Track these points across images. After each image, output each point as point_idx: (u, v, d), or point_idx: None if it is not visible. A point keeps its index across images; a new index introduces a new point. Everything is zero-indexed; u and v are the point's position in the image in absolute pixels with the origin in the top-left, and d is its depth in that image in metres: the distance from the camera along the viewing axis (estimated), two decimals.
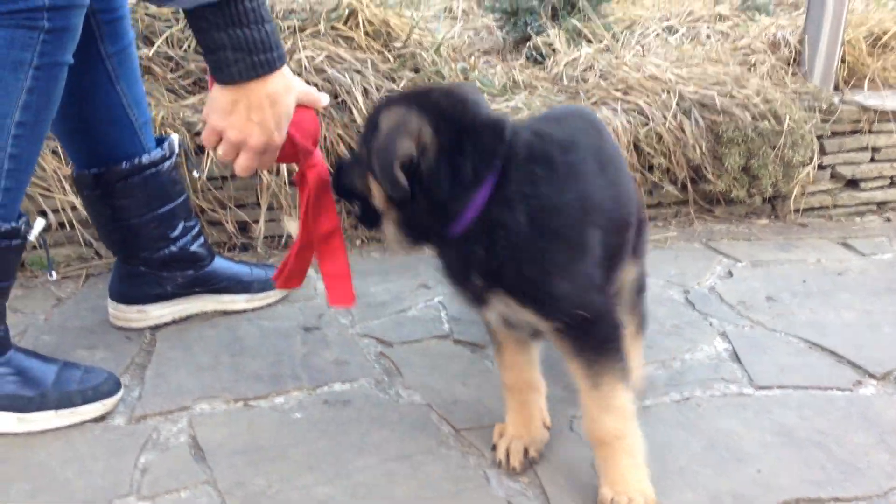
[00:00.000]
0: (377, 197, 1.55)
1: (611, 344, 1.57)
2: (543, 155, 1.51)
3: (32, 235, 1.77)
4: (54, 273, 1.97)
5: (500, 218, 1.47)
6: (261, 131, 1.63)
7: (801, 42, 3.30)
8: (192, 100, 2.60)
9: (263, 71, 1.58)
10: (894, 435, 1.92)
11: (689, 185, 3.11)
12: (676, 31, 3.87)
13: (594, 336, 1.56)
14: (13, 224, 1.72)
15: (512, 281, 1.51)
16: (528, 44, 3.78)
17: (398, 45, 2.93)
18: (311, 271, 2.59)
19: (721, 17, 4.07)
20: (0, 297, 1.78)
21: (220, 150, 1.67)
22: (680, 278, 2.70)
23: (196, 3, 1.52)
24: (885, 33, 3.44)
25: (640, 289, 2.00)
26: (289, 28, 2.79)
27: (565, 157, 1.53)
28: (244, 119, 1.62)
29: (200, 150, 2.56)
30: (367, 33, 2.89)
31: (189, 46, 2.67)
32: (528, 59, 3.70)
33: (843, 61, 3.31)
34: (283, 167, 2.62)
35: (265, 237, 2.69)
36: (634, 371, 1.85)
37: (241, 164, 1.68)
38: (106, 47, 1.94)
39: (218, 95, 1.62)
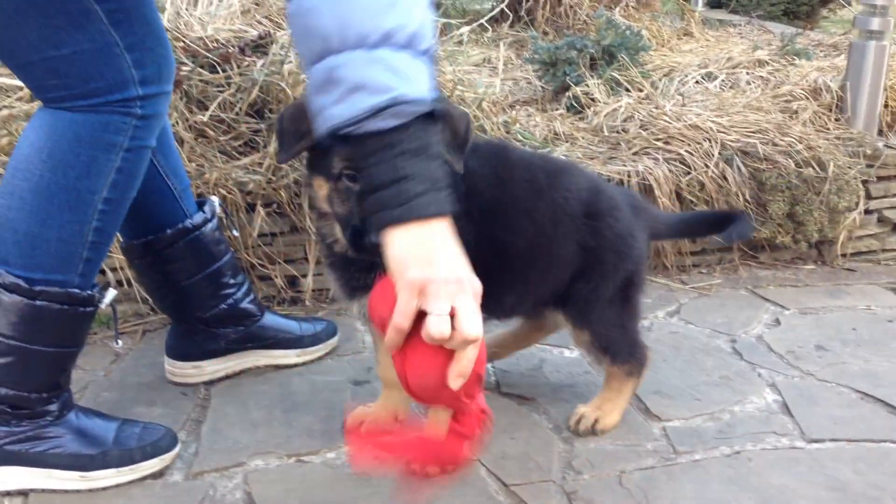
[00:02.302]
0: None
1: None
2: None
3: (104, 304, 1.85)
4: (120, 342, 2.04)
5: None
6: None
7: (842, 88, 3.30)
8: (244, 160, 2.69)
9: (449, 207, 1.32)
10: None
11: None
12: (716, 78, 3.89)
13: None
14: (89, 292, 1.81)
15: None
16: (567, 94, 3.83)
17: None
18: (357, 324, 2.64)
19: (760, 63, 4.09)
20: (69, 360, 1.85)
21: (439, 310, 1.24)
22: (726, 327, 2.69)
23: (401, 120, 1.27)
24: None
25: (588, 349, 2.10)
26: None
27: None
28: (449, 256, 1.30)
29: (251, 208, 2.64)
30: None
31: (241, 109, 2.77)
32: (567, 108, 3.74)
33: (885, 106, 3.30)
34: None
35: (313, 290, 2.75)
36: None
37: (474, 318, 1.27)
38: None
39: (406, 242, 1.28)
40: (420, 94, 1.26)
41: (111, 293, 1.89)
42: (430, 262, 1.27)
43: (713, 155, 3.06)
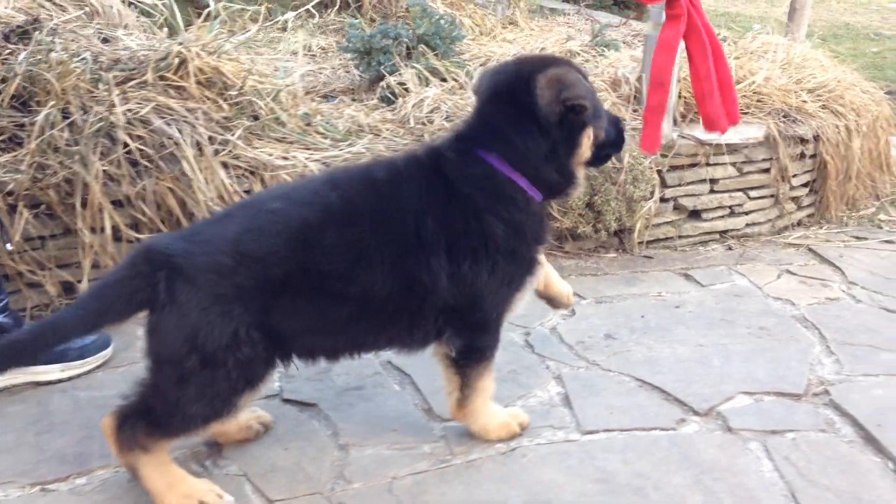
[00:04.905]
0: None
1: None
2: None
3: None
4: None
5: None
6: None
7: (639, 80, 3.39)
8: (3, 158, 2.46)
9: None
10: (711, 473, 1.95)
11: None
12: None
13: None
14: None
15: None
16: (381, 83, 3.76)
17: (234, 93, 2.86)
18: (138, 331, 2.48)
19: (572, 54, 4.16)
20: None
21: None
22: (524, 319, 2.69)
23: None
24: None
25: None
26: (115, 78, 2.67)
27: None
28: None
29: (13, 209, 2.41)
30: (199, 82, 2.80)
31: (2, 102, 2.53)
32: (381, 99, 3.67)
33: (679, 97, 3.41)
34: (108, 224, 2.50)
35: None
36: None
37: None
38: None
39: None
40: None
41: None
42: None
43: None
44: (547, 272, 2.15)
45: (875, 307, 2.85)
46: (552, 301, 2.22)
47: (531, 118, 1.80)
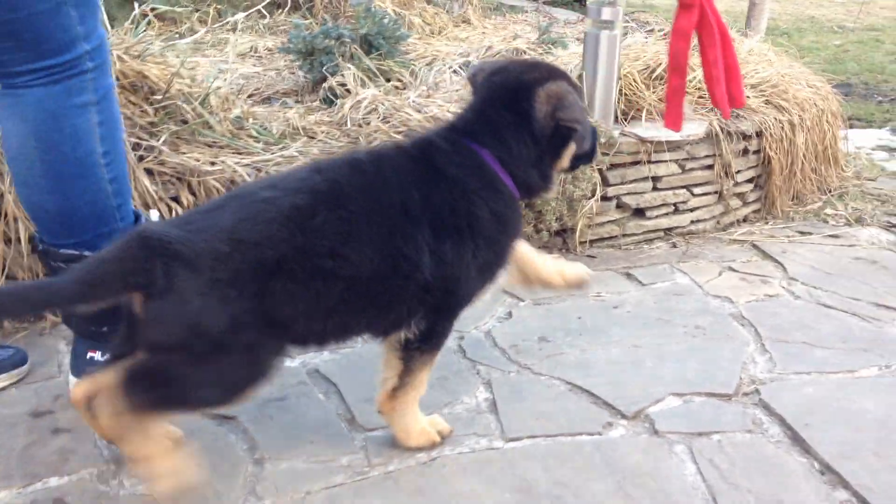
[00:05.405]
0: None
1: None
2: None
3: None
4: None
5: None
6: None
7: (580, 78, 3.36)
8: None
9: None
10: (633, 479, 1.91)
11: None
12: None
13: None
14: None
15: None
16: (324, 85, 3.71)
17: (159, 97, 2.79)
18: (60, 345, 2.42)
19: (518, 52, 4.12)
20: None
21: None
22: (460, 323, 2.64)
23: None
24: (659, 66, 3.55)
25: None
26: None
27: None
28: None
29: None
30: (122, 87, 2.73)
31: None
32: (322, 100, 3.62)
33: (621, 94, 3.38)
34: (23, 236, 2.43)
35: None
36: None
37: None
38: None
39: None
40: None
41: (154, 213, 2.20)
42: None
43: None
44: (532, 257, 2.19)
45: (813, 303, 2.84)
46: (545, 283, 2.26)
47: (526, 127, 1.88)
